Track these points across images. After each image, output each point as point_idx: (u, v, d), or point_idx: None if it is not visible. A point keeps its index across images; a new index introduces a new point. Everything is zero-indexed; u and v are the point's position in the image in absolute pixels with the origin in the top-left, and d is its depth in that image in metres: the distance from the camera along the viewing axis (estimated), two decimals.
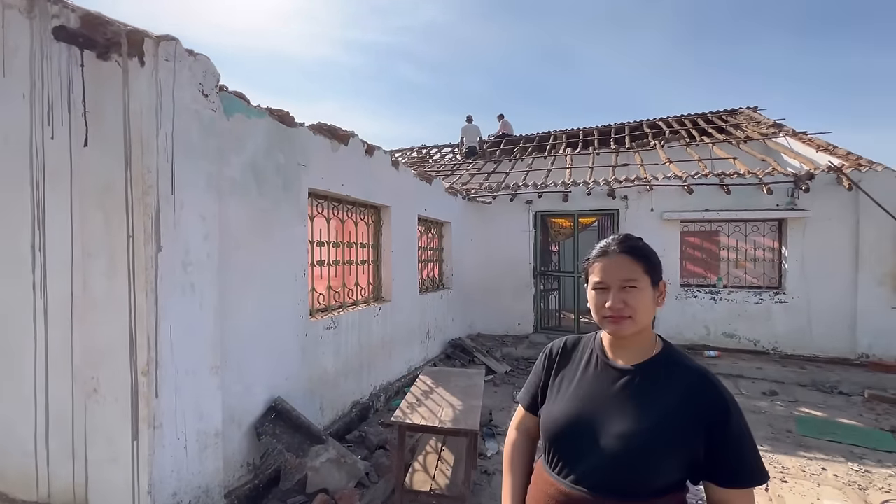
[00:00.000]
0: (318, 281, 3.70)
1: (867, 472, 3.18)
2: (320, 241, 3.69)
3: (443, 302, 6.17)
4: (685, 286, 6.49)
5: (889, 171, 5.55)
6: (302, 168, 3.25)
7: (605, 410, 0.99)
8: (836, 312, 5.72)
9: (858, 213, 5.60)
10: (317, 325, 3.42)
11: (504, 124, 12.41)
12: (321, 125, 3.60)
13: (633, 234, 1.08)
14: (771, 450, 3.54)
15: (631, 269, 1.00)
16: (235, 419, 2.64)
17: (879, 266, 5.53)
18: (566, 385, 1.08)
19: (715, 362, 5.67)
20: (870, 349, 5.53)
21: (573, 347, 1.15)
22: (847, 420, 4.14)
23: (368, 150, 4.20)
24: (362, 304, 4.29)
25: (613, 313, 0.99)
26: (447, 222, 6.53)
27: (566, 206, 6.97)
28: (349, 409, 3.82)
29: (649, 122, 10.87)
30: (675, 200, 6.41)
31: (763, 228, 6.26)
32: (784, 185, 5.90)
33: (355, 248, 4.23)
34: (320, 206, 3.69)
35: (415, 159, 12.54)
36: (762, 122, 9.21)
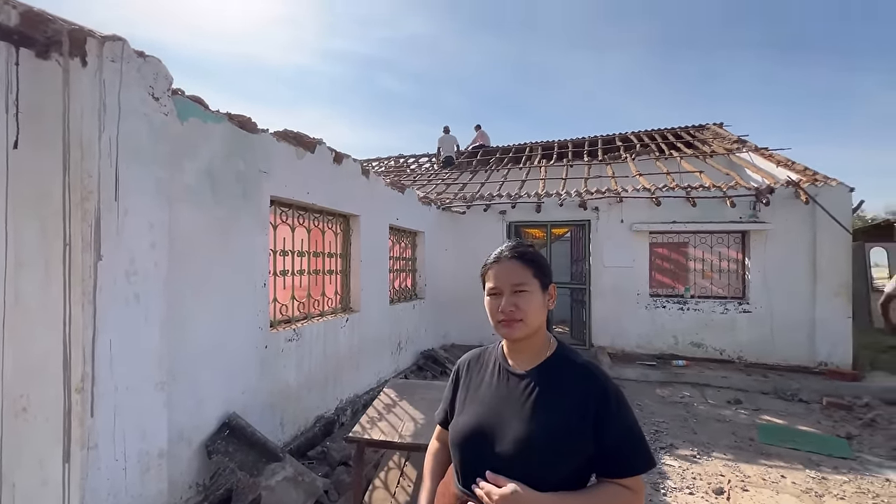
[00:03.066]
0: (280, 291, 3.60)
1: (824, 478, 3.25)
2: (284, 251, 3.59)
3: (415, 312, 6.10)
4: (654, 296, 6.60)
5: (842, 185, 5.80)
6: (264, 175, 3.17)
7: (504, 416, 1.02)
8: (797, 322, 5.91)
9: (815, 227, 5.82)
10: (278, 337, 3.31)
11: (481, 135, 12.53)
12: (286, 132, 3.53)
13: (524, 242, 1.16)
14: (734, 458, 3.59)
15: (521, 273, 1.06)
16: (184, 437, 2.51)
17: (835, 277, 5.75)
18: (471, 396, 1.12)
19: (683, 371, 5.76)
20: (828, 357, 5.72)
21: (478, 359, 1.19)
22: (806, 427, 4.24)
23: (337, 158, 4.15)
24: (329, 314, 4.19)
25: (506, 317, 1.03)
26: (421, 232, 6.49)
27: (539, 216, 7.04)
28: (312, 423, 3.70)
29: (621, 135, 11.14)
30: (644, 212, 6.54)
31: (727, 240, 6.45)
32: (746, 198, 6.10)
33: (322, 257, 4.14)
34: (284, 215, 3.60)
35: (392, 168, 12.51)
36: (727, 137, 9.55)
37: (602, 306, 6.73)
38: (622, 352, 6.53)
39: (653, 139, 10.40)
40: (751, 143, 8.61)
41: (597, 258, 6.77)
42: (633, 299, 6.57)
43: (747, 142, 8.76)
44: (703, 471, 3.38)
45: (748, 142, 8.75)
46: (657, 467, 3.43)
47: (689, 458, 3.61)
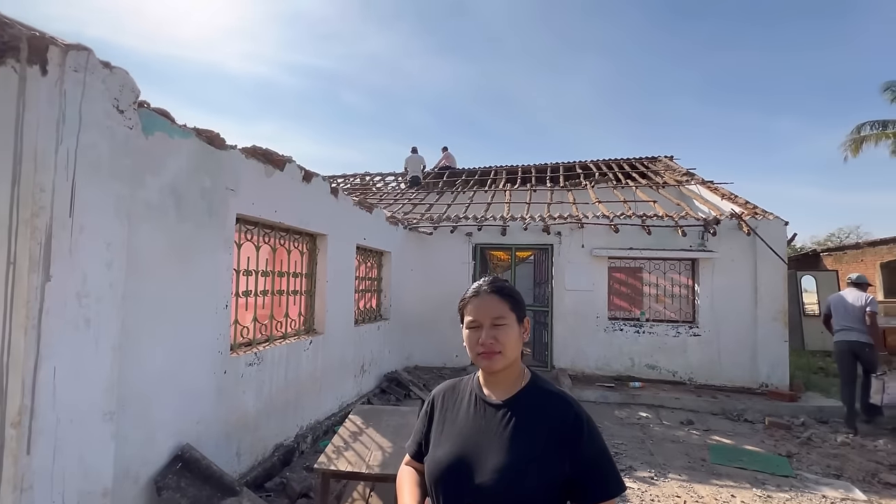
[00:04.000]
0: (242, 313, 3.45)
1: (769, 497, 3.44)
2: (248, 270, 3.46)
3: (380, 333, 6.00)
4: (612, 319, 6.86)
5: (778, 219, 6.34)
6: (230, 193, 3.06)
7: (483, 447, 1.04)
8: (741, 345, 6.31)
9: (756, 256, 6.30)
10: (238, 362, 3.15)
11: (447, 156, 12.73)
12: (255, 148, 3.45)
13: (500, 277, 1.20)
14: (688, 479, 3.73)
15: (500, 307, 1.08)
16: (131, 473, 2.32)
17: (773, 303, 6.21)
18: (448, 428, 1.12)
19: (639, 392, 5.97)
20: (768, 379, 6.12)
21: (453, 390, 1.19)
22: (751, 447, 4.49)
23: (306, 177, 4.08)
24: (292, 336, 4.05)
25: (485, 349, 1.05)
26: (387, 252, 6.45)
27: (504, 239, 7.18)
28: (271, 452, 3.52)
29: (581, 163, 11.68)
30: (603, 238, 6.84)
31: (679, 267, 6.84)
32: (696, 228, 6.53)
33: (287, 277, 4.02)
34: (249, 233, 3.48)
35: (357, 186, 12.41)
36: (677, 169, 10.23)
37: (563, 328, 6.91)
38: (582, 373, 6.70)
39: (610, 168, 10.96)
40: (698, 175, 9.27)
41: (559, 281, 6.97)
42: (593, 322, 6.80)
43: (695, 174, 9.42)
44: (660, 492, 3.49)
45: (696, 175, 9.41)
46: None
47: (648, 479, 3.72)
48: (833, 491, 3.54)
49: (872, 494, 3.50)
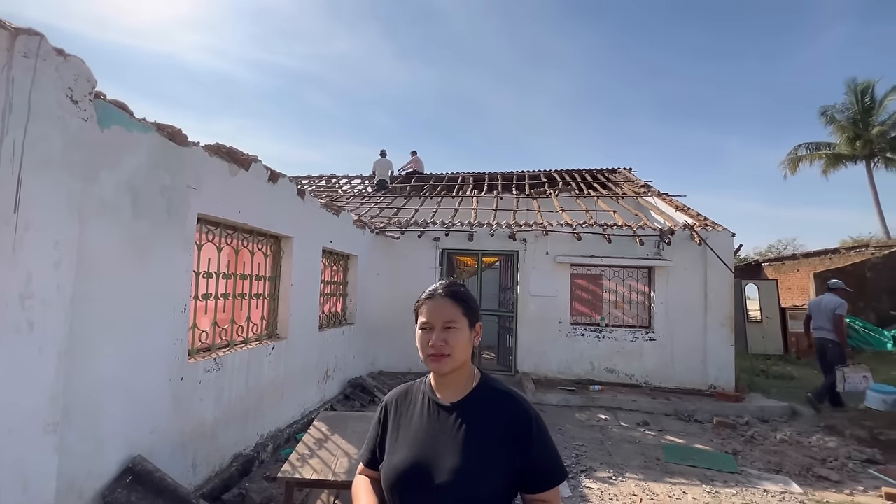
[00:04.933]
0: (202, 317, 3.31)
1: (717, 492, 3.65)
2: (208, 272, 3.32)
3: (344, 338, 5.90)
4: (574, 324, 7.06)
5: (726, 231, 6.77)
6: (192, 191, 2.94)
7: (438, 449, 1.06)
8: (692, 349, 6.66)
9: (706, 265, 6.69)
10: (196, 368, 3.02)
11: (415, 161, 12.74)
12: (219, 146, 3.33)
13: (457, 281, 1.22)
14: (644, 478, 3.89)
15: (452, 311, 1.11)
16: (76, 487, 2.17)
17: (721, 310, 6.61)
18: (403, 433, 1.13)
19: (599, 395, 6.18)
20: (716, 381, 6.49)
21: (406, 396, 1.20)
22: (701, 445, 4.74)
23: (272, 177, 3.98)
24: (253, 341, 3.91)
25: (435, 351, 1.08)
26: (353, 255, 6.37)
27: (471, 245, 7.26)
28: (229, 463, 3.37)
29: (546, 172, 12.00)
30: (566, 245, 7.05)
31: (636, 274, 7.15)
32: (652, 237, 6.85)
33: (250, 280, 3.89)
34: (211, 234, 3.35)
35: (323, 188, 12.19)
36: (635, 181, 10.71)
37: (527, 333, 7.05)
38: (545, 378, 6.85)
39: (573, 178, 11.32)
40: (655, 188, 9.75)
41: (524, 287, 7.12)
42: (556, 327, 6.98)
43: (652, 187, 9.90)
44: (618, 492, 3.62)
45: (653, 187, 9.89)
46: (579, 491, 3.62)
47: (606, 479, 3.85)
48: (773, 485, 3.79)
49: (807, 487, 3.78)
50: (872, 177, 20.70)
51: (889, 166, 20.33)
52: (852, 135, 20.32)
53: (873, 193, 20.70)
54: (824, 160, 21.48)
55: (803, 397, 6.17)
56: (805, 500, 3.55)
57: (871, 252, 13.23)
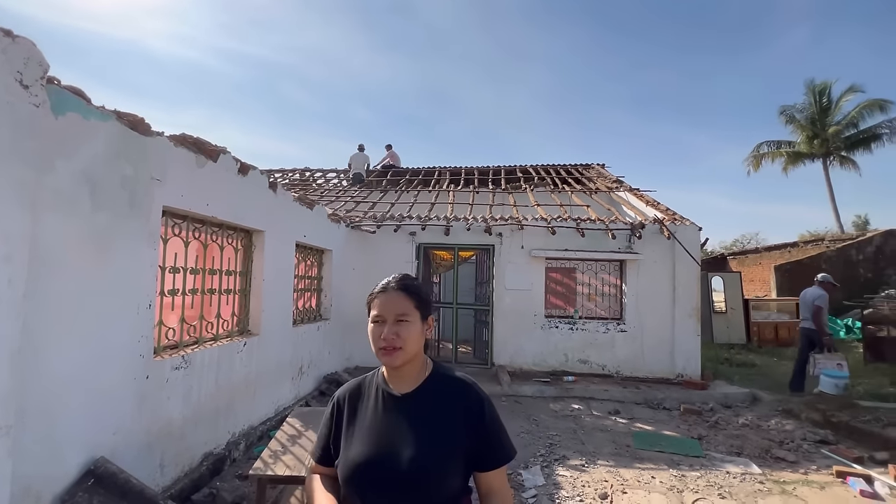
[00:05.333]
0: (168, 313, 3.20)
1: (683, 476, 3.80)
2: (175, 267, 3.21)
3: (319, 334, 5.82)
4: (549, 317, 7.19)
5: (693, 225, 7.00)
6: (156, 183, 2.83)
7: (394, 440, 1.08)
8: (661, 339, 6.88)
9: (675, 258, 6.91)
10: (163, 366, 2.92)
11: (391, 155, 12.63)
12: (185, 136, 3.22)
13: (410, 275, 1.22)
14: (615, 464, 4.01)
15: (404, 304, 1.12)
16: (33, 491, 2.07)
17: (689, 301, 6.85)
18: (358, 427, 1.13)
19: (572, 386, 6.32)
20: (684, 370, 6.73)
21: (358, 389, 1.20)
22: (669, 432, 4.92)
23: (242, 169, 3.87)
24: (224, 338, 3.81)
25: (387, 344, 1.09)
26: (328, 250, 6.27)
27: (448, 239, 7.27)
28: (199, 462, 3.29)
29: (521, 167, 12.11)
30: (541, 239, 7.15)
31: (609, 267, 7.32)
32: (623, 231, 7.02)
33: (219, 275, 3.78)
34: (177, 227, 3.24)
35: (297, 182, 11.96)
36: (608, 177, 10.94)
37: (503, 326, 7.13)
38: (520, 370, 6.95)
39: (548, 173, 11.47)
40: (627, 183, 9.98)
41: (499, 281, 7.19)
42: (531, 320, 7.08)
43: (624, 182, 10.14)
44: (590, 478, 3.73)
45: (625, 182, 10.12)
46: (553, 479, 3.70)
47: (579, 467, 3.95)
48: (735, 467, 3.98)
49: (766, 468, 3.98)
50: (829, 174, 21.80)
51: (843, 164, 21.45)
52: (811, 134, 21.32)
53: (829, 190, 21.81)
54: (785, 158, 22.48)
55: (764, 384, 6.48)
56: (764, 481, 3.73)
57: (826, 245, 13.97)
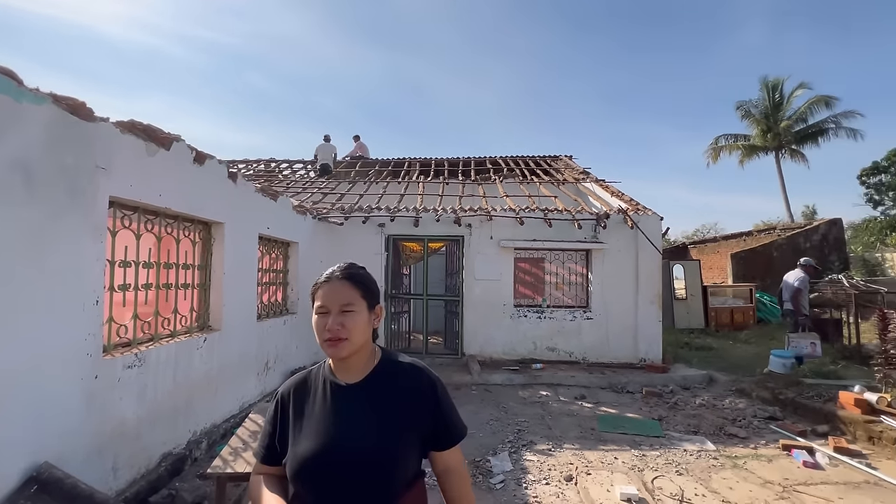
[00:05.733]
0: (120, 310, 3.04)
1: (643, 455, 3.95)
2: (125, 261, 3.05)
3: (286, 328, 5.70)
4: (518, 306, 7.29)
5: (655, 214, 7.24)
6: (101, 172, 2.67)
7: (343, 431, 1.05)
8: (625, 326, 7.11)
9: (638, 247, 7.13)
10: (113, 365, 2.78)
11: (360, 146, 12.42)
12: (133, 123, 3.04)
13: (356, 264, 1.18)
14: (580, 447, 4.14)
15: (350, 294, 1.09)
16: None
17: (651, 289, 7.10)
18: (306, 422, 1.09)
19: (540, 373, 6.45)
20: (646, 355, 7.00)
21: (304, 383, 1.16)
22: (632, 414, 5.11)
23: (198, 158, 3.70)
24: (182, 334, 3.67)
25: (332, 335, 1.05)
26: (294, 242, 6.12)
27: (417, 230, 7.24)
28: (157, 463, 3.17)
29: (491, 159, 12.16)
30: (510, 230, 7.22)
31: (575, 257, 7.48)
32: (589, 221, 7.18)
33: (176, 269, 3.62)
34: (127, 219, 3.07)
35: (262, 173, 11.58)
36: (575, 168, 11.14)
37: (473, 316, 7.18)
38: (490, 359, 7.04)
39: (517, 164, 11.57)
40: (593, 174, 10.19)
41: (469, 271, 7.22)
42: (500, 310, 7.17)
43: (590, 173, 10.35)
44: (556, 462, 3.83)
45: (591, 173, 10.34)
46: (520, 464, 3.77)
47: (546, 451, 4.05)
48: (692, 445, 4.17)
49: (720, 444, 4.20)
50: (780, 166, 23.01)
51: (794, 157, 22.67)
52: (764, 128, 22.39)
53: (781, 182, 23.04)
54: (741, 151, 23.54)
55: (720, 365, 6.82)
56: (717, 456, 3.94)
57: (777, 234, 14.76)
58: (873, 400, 4.38)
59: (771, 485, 3.42)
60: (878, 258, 15.04)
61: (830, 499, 3.20)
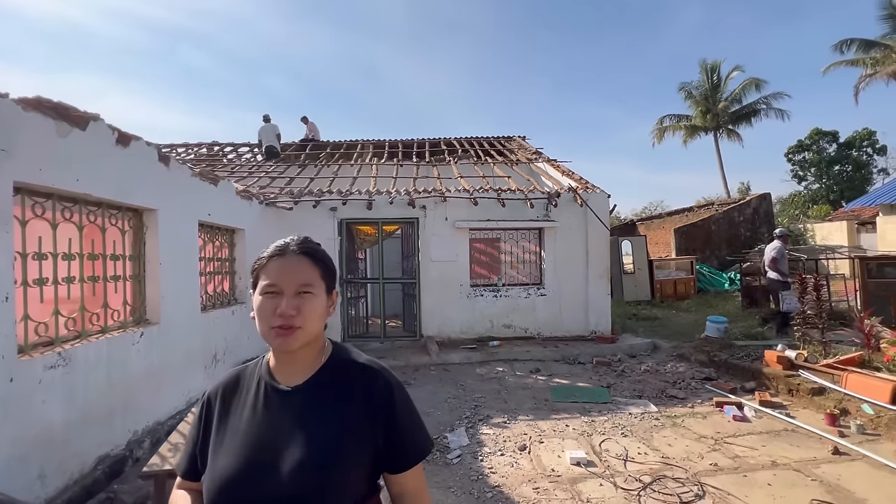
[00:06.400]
0: (38, 306, 2.78)
1: (592, 421, 4.16)
2: (41, 253, 2.78)
3: (235, 319, 5.47)
4: (474, 286, 7.39)
5: (602, 193, 7.49)
6: (1, 154, 2.39)
7: (277, 445, 0.87)
8: (577, 301, 7.39)
9: (587, 224, 7.37)
10: (31, 366, 2.55)
11: (310, 127, 11.97)
12: (40, 100, 2.74)
13: (311, 238, 0.99)
14: (534, 418, 4.29)
15: (309, 272, 0.91)
16: None
17: (600, 264, 7.39)
18: (231, 432, 0.91)
19: (497, 350, 6.61)
20: (596, 327, 7.32)
21: (236, 384, 0.97)
22: (582, 383, 5.35)
23: (122, 139, 3.41)
24: (115, 329, 3.43)
25: (284, 322, 0.86)
26: (240, 229, 5.84)
27: (371, 214, 7.11)
28: (92, 467, 2.97)
29: (446, 140, 12.08)
30: (465, 211, 7.24)
31: (528, 235, 7.64)
32: (541, 200, 7.32)
33: (103, 260, 3.35)
34: (40, 207, 2.79)
35: (203, 157, 10.92)
36: (528, 149, 11.28)
37: (430, 298, 7.21)
38: (448, 339, 7.12)
39: (472, 146, 11.57)
40: (545, 154, 10.37)
41: (425, 253, 7.21)
42: (457, 290, 7.23)
43: (543, 153, 10.52)
44: (511, 433, 3.96)
45: (543, 153, 10.51)
46: (476, 438, 3.87)
47: (501, 424, 4.17)
48: (636, 408, 4.44)
49: (661, 406, 4.50)
50: (718, 145, 24.43)
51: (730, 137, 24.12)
52: (704, 109, 23.61)
53: (719, 160, 24.50)
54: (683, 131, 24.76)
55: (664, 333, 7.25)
56: (659, 417, 4.22)
57: (715, 209, 15.75)
58: (792, 356, 4.83)
59: (705, 439, 3.71)
60: (801, 229, 16.45)
61: (755, 447, 3.52)
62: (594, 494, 2.93)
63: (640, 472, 3.17)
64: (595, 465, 3.31)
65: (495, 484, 3.12)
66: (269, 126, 10.53)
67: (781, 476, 3.09)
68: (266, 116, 10.62)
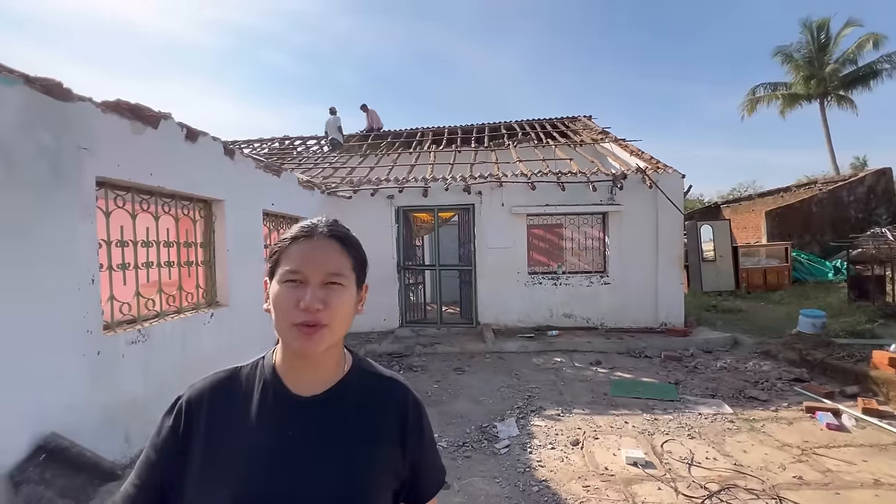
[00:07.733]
0: (121, 288, 3.12)
1: (655, 419, 3.85)
2: (122, 241, 3.11)
3: None
4: (532, 274, 7.15)
5: (676, 172, 6.84)
6: (84, 152, 2.68)
7: (298, 468, 0.72)
8: (645, 290, 6.87)
9: (657, 207, 6.79)
10: (116, 341, 2.87)
11: (371, 115, 12.25)
12: (118, 102, 3.03)
13: (340, 221, 0.83)
14: (590, 412, 4.07)
15: (340, 261, 0.76)
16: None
17: (671, 250, 6.79)
18: (227, 451, 0.72)
19: (556, 340, 6.37)
20: (667, 318, 6.77)
21: (227, 388, 0.79)
22: (647, 378, 4.98)
23: (190, 136, 3.69)
24: (189, 310, 3.77)
25: (308, 318, 0.71)
26: (302, 218, 6.14)
27: (426, 201, 7.13)
28: None
29: (506, 124, 11.75)
30: (522, 196, 7.00)
31: (591, 220, 7.21)
32: (605, 183, 6.86)
33: (177, 247, 3.68)
34: (121, 199, 3.11)
35: (276, 151, 11.64)
36: (594, 128, 10.62)
37: (486, 286, 7.11)
38: (505, 327, 6.99)
39: (533, 128, 11.14)
40: (612, 134, 9.70)
41: (481, 240, 7.10)
42: (514, 277, 7.05)
43: (610, 133, 9.85)
44: (564, 427, 3.78)
45: (610, 133, 9.84)
46: (527, 429, 3.75)
47: (554, 416, 4.01)
48: (707, 408, 4.03)
49: (737, 407, 4.05)
50: (825, 115, 21.26)
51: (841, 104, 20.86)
52: (807, 74, 20.60)
53: (825, 132, 21.35)
54: (781, 100, 21.84)
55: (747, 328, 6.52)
56: (734, 419, 3.79)
57: (818, 188, 13.79)
58: None
59: (789, 447, 3.27)
60: None
61: (853, 461, 3.03)
62: (651, 498, 2.70)
63: (707, 479, 2.87)
64: (654, 467, 3.05)
65: (543, 478, 3.00)
66: (334, 118, 10.96)
67: (885, 498, 2.63)
68: (332, 109, 11.05)
